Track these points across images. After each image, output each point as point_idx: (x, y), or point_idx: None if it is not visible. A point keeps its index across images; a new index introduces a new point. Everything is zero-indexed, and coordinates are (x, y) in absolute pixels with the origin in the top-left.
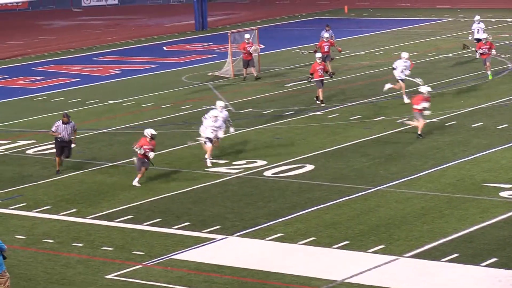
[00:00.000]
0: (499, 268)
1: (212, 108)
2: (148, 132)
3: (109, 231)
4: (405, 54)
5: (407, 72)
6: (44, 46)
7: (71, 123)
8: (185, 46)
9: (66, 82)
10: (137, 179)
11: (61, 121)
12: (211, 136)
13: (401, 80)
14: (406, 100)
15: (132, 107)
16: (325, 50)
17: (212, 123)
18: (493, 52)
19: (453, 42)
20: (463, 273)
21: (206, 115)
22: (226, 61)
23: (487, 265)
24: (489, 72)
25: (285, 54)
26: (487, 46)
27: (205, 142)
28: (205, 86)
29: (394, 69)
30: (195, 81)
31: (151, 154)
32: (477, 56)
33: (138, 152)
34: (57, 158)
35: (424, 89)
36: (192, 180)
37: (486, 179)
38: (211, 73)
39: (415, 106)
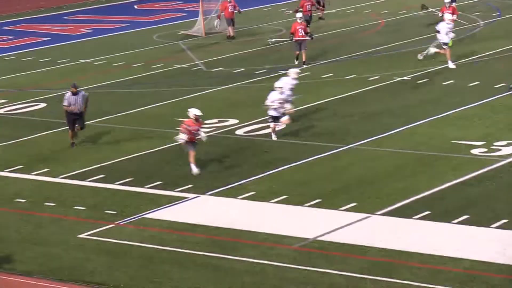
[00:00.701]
0: (471, 225)
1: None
2: (192, 113)
3: (81, 190)
4: (448, 16)
5: (452, 35)
6: (14, 5)
7: (81, 93)
8: (156, 5)
9: (36, 41)
10: (193, 165)
11: (70, 92)
12: (275, 113)
13: (445, 44)
14: (452, 65)
15: (103, 66)
16: (307, 9)
17: (278, 96)
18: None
19: (425, 0)
20: (435, 231)
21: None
22: (197, 19)
23: (459, 222)
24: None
25: (256, 12)
26: (450, 11)
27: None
28: (177, 45)
29: (438, 32)
30: (166, 40)
31: (202, 135)
32: (440, 15)
33: (182, 139)
34: (70, 131)
35: None
36: (164, 139)
37: (457, 137)
38: (182, 32)
39: None
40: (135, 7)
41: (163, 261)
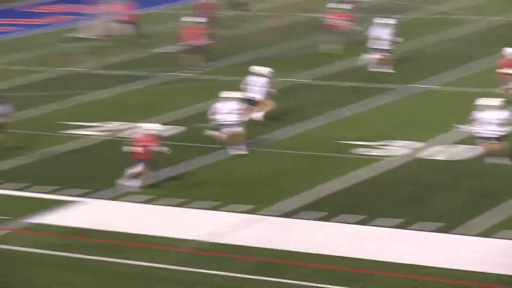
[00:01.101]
0: (359, 224)
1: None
2: (153, 128)
3: None
4: (383, 20)
5: (390, 38)
6: None
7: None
8: (53, 7)
9: None
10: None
11: None
12: (228, 122)
13: (382, 49)
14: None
15: (0, 70)
16: (208, 13)
17: (234, 106)
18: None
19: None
20: (325, 231)
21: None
22: (94, 22)
23: (348, 222)
24: (336, 46)
25: (155, 14)
26: (343, 18)
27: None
28: (72, 47)
29: (369, 37)
30: (63, 43)
31: (165, 149)
32: (329, 23)
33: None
34: None
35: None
36: (59, 144)
37: (349, 137)
38: (77, 35)
39: (503, 71)
40: (33, 10)
41: (54, 266)
